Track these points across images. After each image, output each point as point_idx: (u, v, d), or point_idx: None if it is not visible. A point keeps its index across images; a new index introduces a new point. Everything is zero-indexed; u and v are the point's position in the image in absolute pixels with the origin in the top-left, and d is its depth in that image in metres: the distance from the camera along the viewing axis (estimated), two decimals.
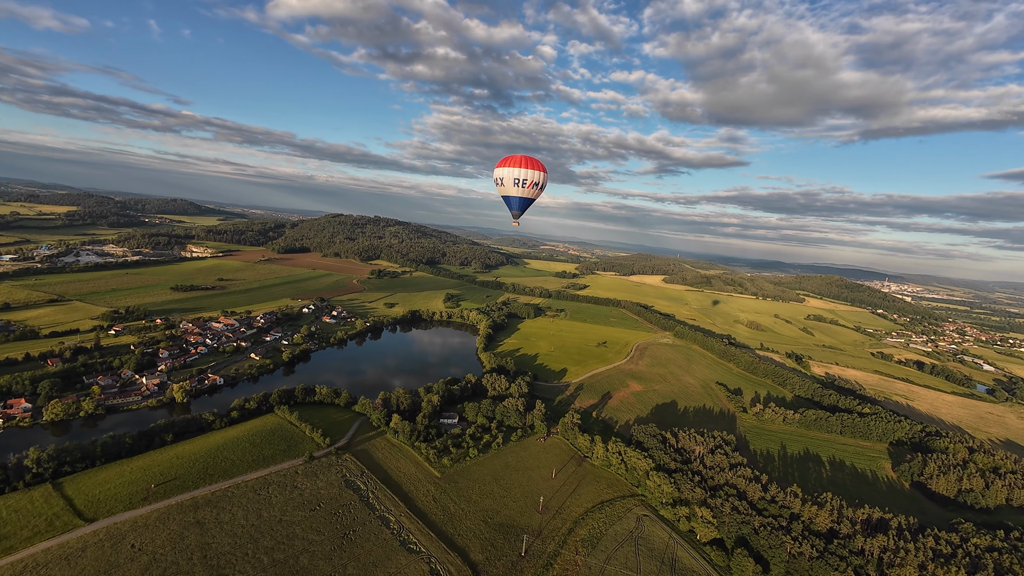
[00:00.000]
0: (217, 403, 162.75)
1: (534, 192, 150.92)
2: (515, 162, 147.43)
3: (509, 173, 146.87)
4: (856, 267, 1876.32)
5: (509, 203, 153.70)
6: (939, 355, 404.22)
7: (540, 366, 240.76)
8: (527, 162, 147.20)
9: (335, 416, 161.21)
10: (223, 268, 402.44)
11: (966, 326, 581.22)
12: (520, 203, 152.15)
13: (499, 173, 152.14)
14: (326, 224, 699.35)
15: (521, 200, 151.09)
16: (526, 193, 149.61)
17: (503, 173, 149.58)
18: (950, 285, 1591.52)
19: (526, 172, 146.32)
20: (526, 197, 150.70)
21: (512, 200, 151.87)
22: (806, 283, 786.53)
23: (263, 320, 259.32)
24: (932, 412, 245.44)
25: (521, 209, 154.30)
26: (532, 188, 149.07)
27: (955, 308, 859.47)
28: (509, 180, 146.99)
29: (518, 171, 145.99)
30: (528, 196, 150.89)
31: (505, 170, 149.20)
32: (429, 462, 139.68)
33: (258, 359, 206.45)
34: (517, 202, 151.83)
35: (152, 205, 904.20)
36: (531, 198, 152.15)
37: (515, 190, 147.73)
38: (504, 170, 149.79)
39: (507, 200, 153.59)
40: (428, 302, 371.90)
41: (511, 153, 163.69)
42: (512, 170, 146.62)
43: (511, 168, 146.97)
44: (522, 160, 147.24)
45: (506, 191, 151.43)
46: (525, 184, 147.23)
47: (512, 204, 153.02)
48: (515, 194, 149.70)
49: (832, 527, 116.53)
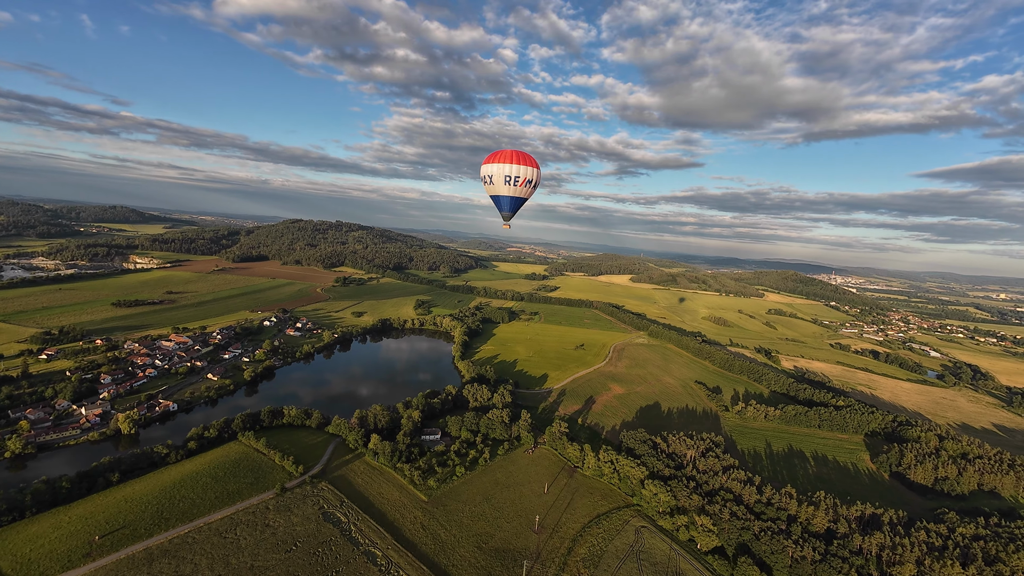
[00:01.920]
0: (171, 432, 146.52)
1: (527, 191, 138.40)
2: (505, 157, 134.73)
3: (499, 170, 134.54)
4: (804, 261, 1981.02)
5: (499, 204, 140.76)
6: (890, 344, 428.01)
7: (520, 372, 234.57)
8: (519, 157, 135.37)
9: (307, 440, 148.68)
10: (172, 280, 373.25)
11: (909, 315, 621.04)
12: (512, 203, 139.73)
13: (487, 170, 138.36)
14: (285, 230, 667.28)
15: (513, 200, 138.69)
16: (518, 192, 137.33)
17: (492, 170, 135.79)
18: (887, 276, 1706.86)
19: (518, 168, 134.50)
20: (518, 197, 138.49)
21: (503, 200, 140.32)
22: (764, 278, 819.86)
23: (220, 336, 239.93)
24: (894, 400, 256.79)
25: (513, 210, 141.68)
26: (525, 186, 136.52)
27: (895, 298, 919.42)
28: (499, 178, 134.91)
29: (509, 167, 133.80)
30: (520, 196, 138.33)
31: (494, 167, 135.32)
32: (414, 485, 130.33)
33: (216, 379, 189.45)
34: (508, 202, 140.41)
35: (88, 213, 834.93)
36: (524, 197, 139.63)
37: (506, 189, 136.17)
38: (493, 167, 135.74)
39: (497, 200, 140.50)
40: (398, 309, 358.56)
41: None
42: (503, 166, 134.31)
43: (501, 164, 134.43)
44: (513, 155, 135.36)
45: (496, 190, 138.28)
46: (517, 182, 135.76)
47: (503, 205, 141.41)
48: (506, 193, 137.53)
49: (830, 527, 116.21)
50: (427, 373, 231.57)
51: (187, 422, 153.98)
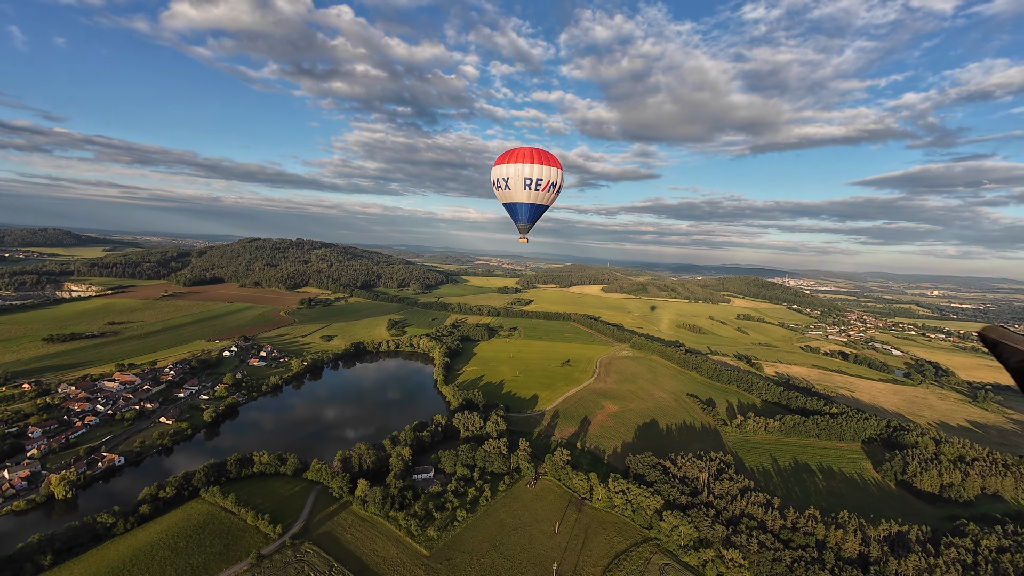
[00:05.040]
0: (119, 494, 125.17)
1: (550, 197, 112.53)
2: (523, 156, 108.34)
3: (518, 172, 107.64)
4: (758, 266, 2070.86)
5: (516, 213, 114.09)
6: (854, 344, 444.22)
7: (509, 395, 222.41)
8: (539, 156, 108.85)
9: (283, 490, 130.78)
10: (114, 309, 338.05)
11: (864, 315, 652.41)
12: (532, 212, 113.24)
13: (502, 172, 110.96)
14: (241, 250, 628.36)
15: (533, 209, 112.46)
16: (540, 199, 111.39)
17: (508, 172, 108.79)
18: (834, 278, 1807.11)
19: (540, 169, 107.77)
20: (540, 204, 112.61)
21: (520, 209, 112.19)
22: (728, 284, 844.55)
23: (173, 371, 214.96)
24: (873, 402, 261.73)
25: (532, 220, 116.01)
26: (548, 191, 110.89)
27: (845, 298, 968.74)
28: (518, 181, 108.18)
29: (530, 168, 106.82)
30: (542, 203, 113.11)
31: (511, 167, 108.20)
32: (412, 536, 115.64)
33: (171, 423, 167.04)
34: (528, 211, 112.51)
35: (15, 237, 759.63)
36: (546, 205, 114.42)
37: (525, 194, 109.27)
38: (510, 167, 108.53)
39: (512, 210, 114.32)
40: (370, 331, 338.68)
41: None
42: (521, 167, 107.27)
43: (520, 165, 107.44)
44: (533, 153, 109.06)
45: (512, 196, 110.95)
46: (540, 185, 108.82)
47: (520, 214, 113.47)
48: (525, 200, 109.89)
49: (861, 551, 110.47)
50: (409, 401, 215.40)
51: (137, 479, 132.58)
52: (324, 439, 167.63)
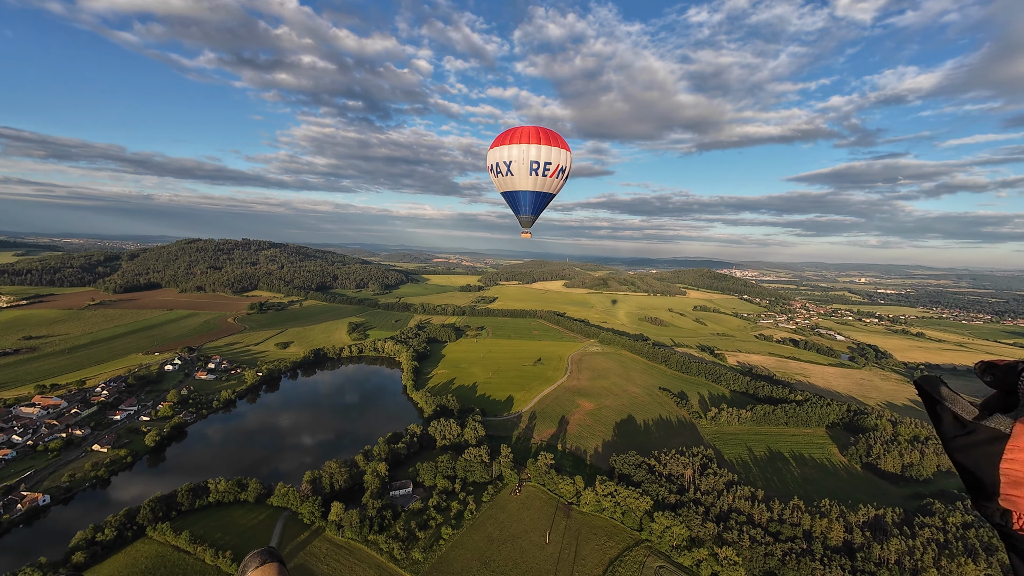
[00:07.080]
0: (45, 540, 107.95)
1: (558, 183, 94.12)
2: (527, 136, 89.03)
3: (522, 154, 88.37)
4: (706, 258, 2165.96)
5: (517, 203, 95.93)
6: (802, 331, 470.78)
7: (483, 397, 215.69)
8: (547, 136, 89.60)
9: (246, 520, 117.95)
10: (30, 321, 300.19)
11: (807, 303, 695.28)
12: (536, 202, 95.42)
13: (502, 155, 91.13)
14: (180, 251, 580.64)
15: (538, 197, 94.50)
16: (547, 186, 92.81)
17: (511, 154, 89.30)
18: (775, 268, 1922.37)
19: (549, 151, 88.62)
20: (546, 192, 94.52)
21: (523, 198, 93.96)
22: (682, 277, 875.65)
23: (106, 391, 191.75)
24: (827, 386, 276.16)
25: (537, 212, 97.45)
26: (557, 176, 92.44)
27: (787, 287, 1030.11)
28: (522, 165, 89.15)
29: (536, 150, 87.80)
30: (549, 191, 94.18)
31: (514, 149, 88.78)
32: (395, 561, 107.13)
33: (106, 451, 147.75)
34: (532, 200, 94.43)
35: None
36: (552, 193, 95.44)
37: (531, 181, 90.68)
38: (512, 149, 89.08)
39: (513, 199, 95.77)
40: (330, 335, 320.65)
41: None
42: (527, 148, 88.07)
43: (524, 146, 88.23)
44: (538, 133, 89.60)
45: (514, 183, 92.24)
46: (548, 170, 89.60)
47: (522, 204, 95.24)
48: (530, 188, 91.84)
49: (846, 538, 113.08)
50: (379, 410, 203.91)
51: (68, 521, 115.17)
52: (288, 459, 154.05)
